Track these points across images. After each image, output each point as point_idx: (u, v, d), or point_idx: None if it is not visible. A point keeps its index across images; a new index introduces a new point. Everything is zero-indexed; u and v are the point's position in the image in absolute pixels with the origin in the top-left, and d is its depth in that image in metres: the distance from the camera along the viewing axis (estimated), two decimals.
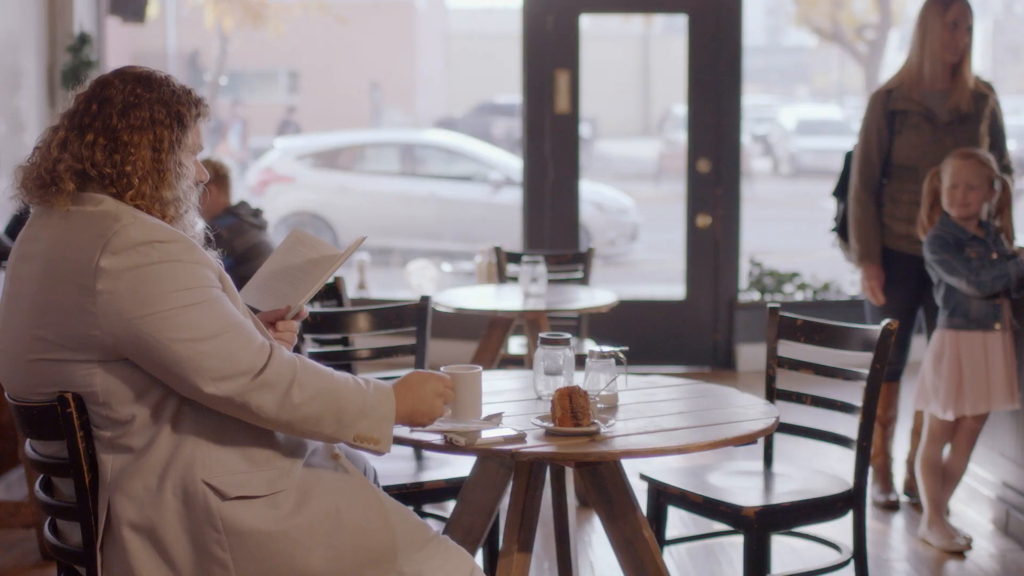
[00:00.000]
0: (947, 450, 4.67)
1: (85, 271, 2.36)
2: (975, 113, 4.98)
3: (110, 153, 2.44)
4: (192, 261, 2.40)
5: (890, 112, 5.02)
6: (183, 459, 2.42)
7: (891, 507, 5.02)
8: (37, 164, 2.49)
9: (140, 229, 2.38)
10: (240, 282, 2.78)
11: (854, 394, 3.61)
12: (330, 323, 4.04)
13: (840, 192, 5.22)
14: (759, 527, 3.30)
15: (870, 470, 4.76)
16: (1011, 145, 5.16)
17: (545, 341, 3.11)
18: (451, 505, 3.53)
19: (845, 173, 5.19)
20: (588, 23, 7.74)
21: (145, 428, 2.42)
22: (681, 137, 17.99)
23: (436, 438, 2.75)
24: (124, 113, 2.46)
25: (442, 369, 2.81)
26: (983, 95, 5.01)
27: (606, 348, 3.14)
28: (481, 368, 2.82)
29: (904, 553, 4.54)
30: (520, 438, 2.73)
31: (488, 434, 2.74)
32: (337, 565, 2.49)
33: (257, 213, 5.35)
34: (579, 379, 3.12)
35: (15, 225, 6.33)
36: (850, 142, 5.19)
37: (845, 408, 3.59)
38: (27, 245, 2.49)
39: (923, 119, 4.97)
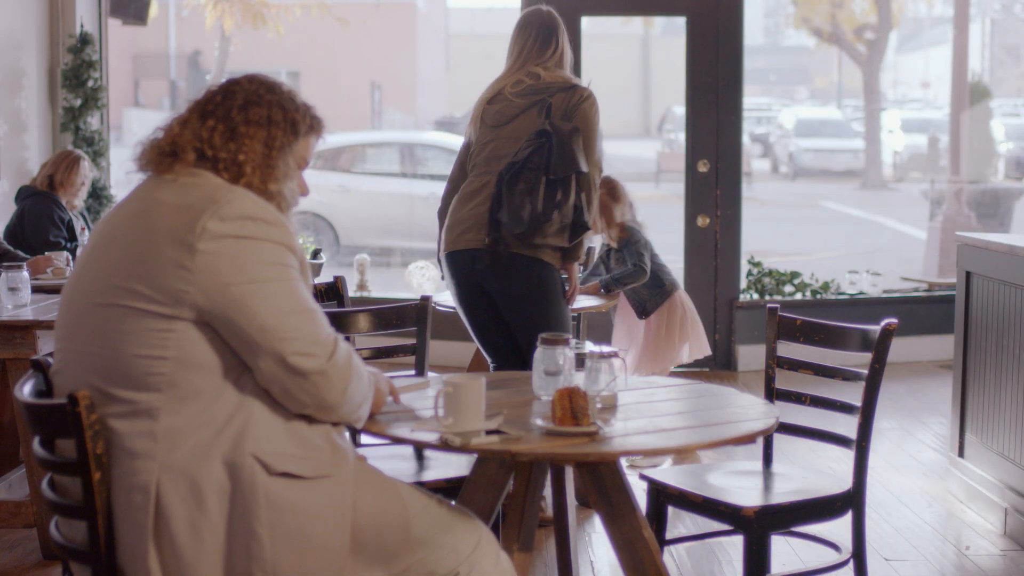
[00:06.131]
0: None
1: (190, 229, 2.47)
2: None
3: (226, 140, 2.60)
4: (286, 245, 2.54)
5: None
6: (234, 430, 2.47)
7: None
8: (159, 139, 2.63)
9: (251, 204, 2.53)
10: None
11: (853, 394, 3.62)
12: (331, 323, 4.04)
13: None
14: (759, 527, 3.30)
15: None
16: (1002, 148, 5.08)
17: (545, 341, 3.11)
18: None
19: None
20: (588, 24, 7.75)
21: (204, 397, 2.47)
22: (681, 137, 18.00)
23: (433, 438, 2.76)
24: (244, 108, 2.63)
25: (444, 378, 2.82)
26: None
27: (606, 348, 3.14)
28: (484, 379, 2.83)
29: (904, 553, 4.55)
30: (516, 438, 2.74)
31: (485, 434, 2.75)
32: (360, 544, 2.56)
33: None
34: (579, 379, 3.13)
35: (15, 224, 6.34)
36: (849, 142, 5.17)
37: (844, 408, 3.60)
38: (126, 204, 2.61)
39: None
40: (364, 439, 3.83)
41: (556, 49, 4.69)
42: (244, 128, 2.61)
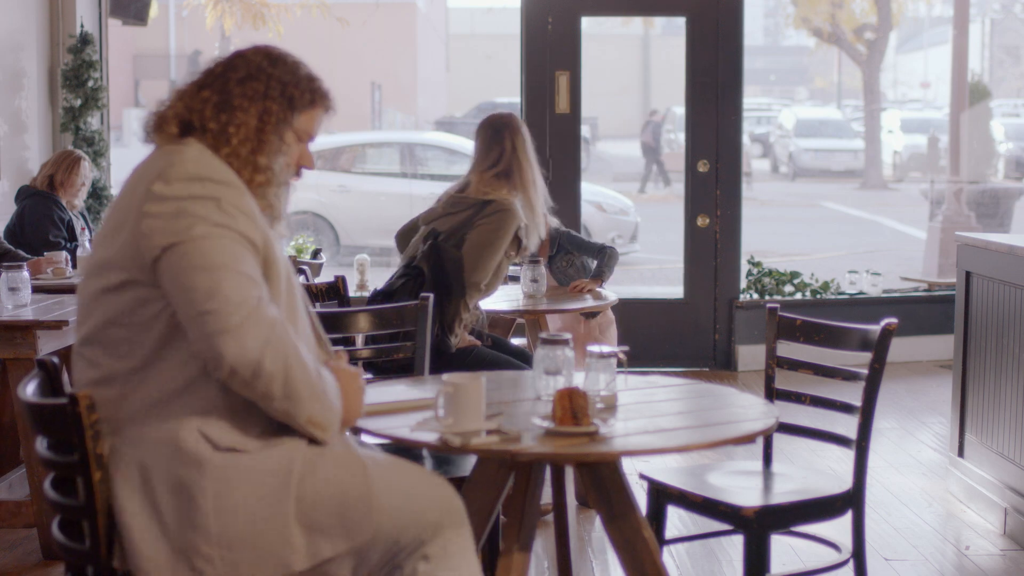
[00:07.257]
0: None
1: (143, 193, 2.47)
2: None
3: (218, 111, 2.57)
4: (234, 205, 2.48)
5: None
6: (181, 403, 2.47)
7: None
8: (155, 112, 2.63)
9: (198, 164, 2.50)
10: None
11: (853, 394, 3.62)
12: (331, 323, 4.04)
13: None
14: (758, 527, 3.30)
15: None
16: (1002, 148, 5.11)
17: (545, 341, 3.11)
18: None
19: None
20: (588, 24, 7.75)
21: (154, 366, 2.47)
22: (681, 137, 17.99)
23: (433, 438, 2.76)
24: (242, 81, 2.60)
25: (444, 378, 2.82)
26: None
27: (606, 348, 3.14)
28: (484, 379, 2.82)
29: (904, 553, 4.55)
30: (516, 438, 2.74)
31: (485, 434, 2.75)
32: (316, 517, 2.52)
33: None
34: (579, 379, 3.13)
35: (15, 224, 6.34)
36: (849, 142, 5.17)
37: (844, 408, 3.60)
38: (126, 181, 2.63)
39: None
40: (363, 439, 3.82)
41: (502, 154, 4.75)
42: (239, 101, 2.58)
